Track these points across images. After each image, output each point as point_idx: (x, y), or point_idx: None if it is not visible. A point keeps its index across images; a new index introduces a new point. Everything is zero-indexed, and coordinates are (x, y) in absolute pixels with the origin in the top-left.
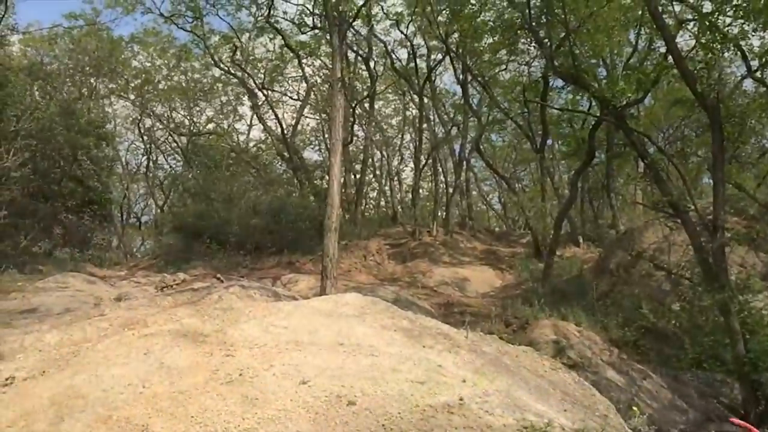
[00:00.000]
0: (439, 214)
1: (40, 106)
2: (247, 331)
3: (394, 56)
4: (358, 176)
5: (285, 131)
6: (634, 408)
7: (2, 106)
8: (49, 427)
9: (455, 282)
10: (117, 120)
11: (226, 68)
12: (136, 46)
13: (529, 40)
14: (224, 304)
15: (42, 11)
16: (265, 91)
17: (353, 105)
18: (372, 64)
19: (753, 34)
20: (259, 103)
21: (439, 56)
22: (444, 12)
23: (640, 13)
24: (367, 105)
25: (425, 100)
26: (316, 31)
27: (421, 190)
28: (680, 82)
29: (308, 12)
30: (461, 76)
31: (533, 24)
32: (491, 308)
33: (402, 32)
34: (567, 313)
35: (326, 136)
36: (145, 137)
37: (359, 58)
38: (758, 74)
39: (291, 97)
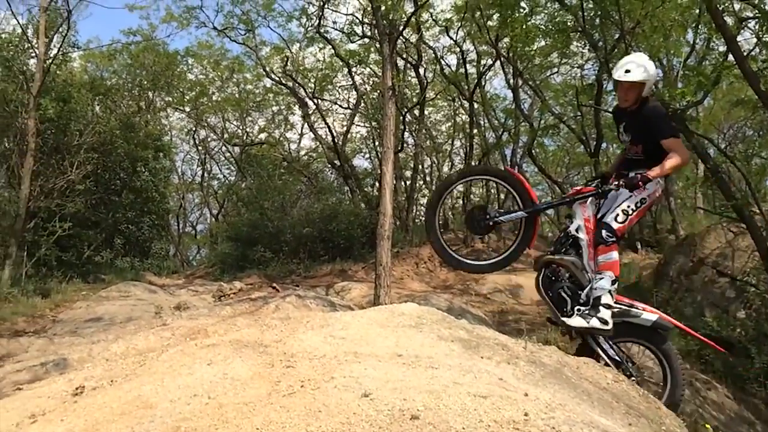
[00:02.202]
0: None
1: (101, 120)
2: (306, 341)
3: (443, 62)
4: (408, 183)
5: (335, 139)
6: (707, 426)
7: (66, 121)
8: None
9: (509, 289)
10: (173, 131)
11: (278, 78)
12: (191, 59)
13: (582, 42)
14: (282, 314)
15: (101, 27)
16: (315, 100)
17: (403, 112)
18: (422, 71)
19: None
20: (310, 112)
21: (489, 61)
22: (494, 17)
23: (698, 12)
24: (417, 112)
25: (475, 105)
26: (366, 40)
27: (472, 196)
28: (742, 82)
29: (358, 21)
30: (512, 81)
31: (586, 26)
32: (547, 316)
33: (451, 38)
34: None
35: (376, 143)
36: (200, 148)
37: (409, 65)
38: None
39: (341, 106)
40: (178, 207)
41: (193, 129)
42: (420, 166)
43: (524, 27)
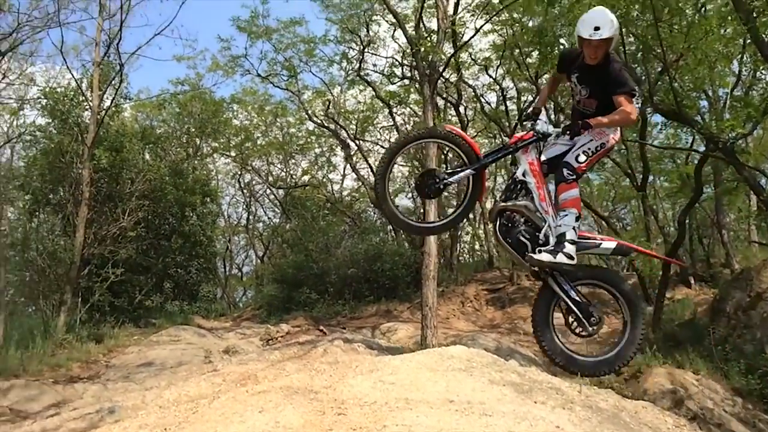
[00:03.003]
0: None
1: (152, 168)
2: (356, 387)
3: (483, 100)
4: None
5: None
6: None
7: (118, 170)
8: None
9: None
10: (219, 176)
11: (320, 121)
12: (236, 105)
13: None
14: (330, 358)
15: (151, 78)
16: (357, 142)
17: (445, 151)
18: (462, 109)
19: None
20: (352, 154)
21: (530, 98)
22: (533, 54)
23: (742, 42)
24: None
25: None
26: (406, 81)
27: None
28: None
29: (397, 63)
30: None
31: (628, 61)
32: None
33: (491, 76)
34: (683, 360)
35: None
36: (245, 191)
37: (449, 104)
38: None
39: (382, 146)
40: (224, 250)
41: (239, 173)
42: None
43: None
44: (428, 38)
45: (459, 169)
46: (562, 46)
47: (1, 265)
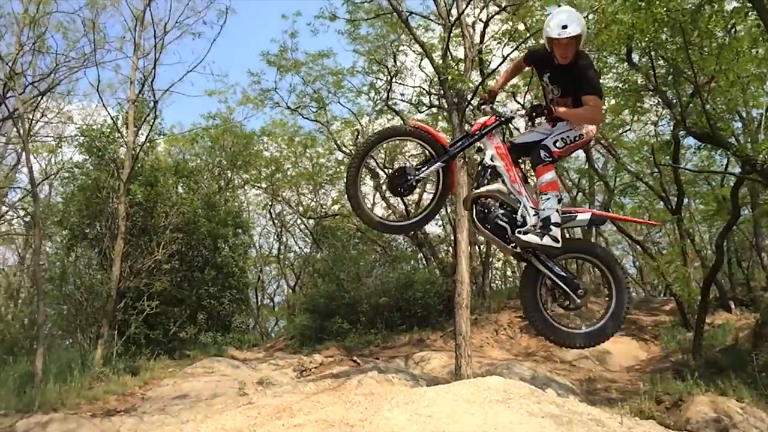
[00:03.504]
0: None
1: (185, 201)
2: (392, 420)
3: (512, 126)
4: (483, 248)
5: (407, 208)
6: None
7: (153, 204)
8: None
9: (595, 355)
10: (250, 207)
11: (349, 151)
12: (266, 137)
13: (655, 99)
14: (365, 390)
15: (183, 113)
16: (386, 170)
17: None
18: None
19: None
20: (381, 182)
21: None
22: None
23: None
24: None
25: None
26: (434, 109)
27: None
28: None
29: (425, 92)
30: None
31: (659, 84)
32: (639, 384)
33: (519, 102)
34: (726, 387)
35: (449, 210)
36: (276, 221)
37: None
38: None
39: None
40: (256, 280)
41: (269, 203)
42: None
43: None
44: (455, 67)
45: (428, 164)
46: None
47: (40, 299)
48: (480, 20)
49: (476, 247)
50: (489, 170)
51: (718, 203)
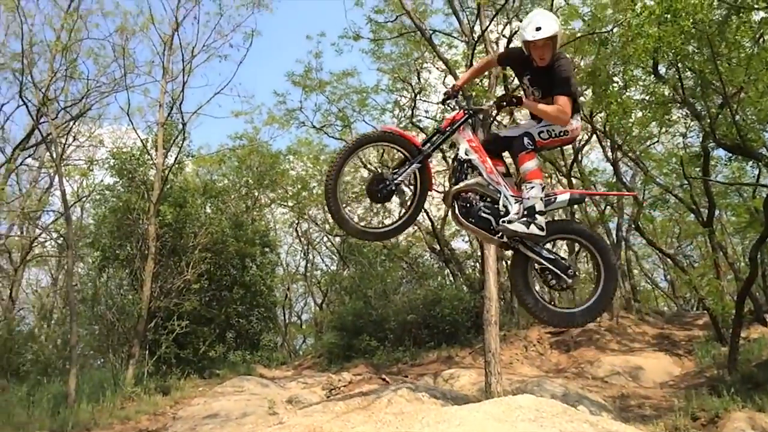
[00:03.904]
0: None
1: (214, 221)
2: None
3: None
4: (509, 263)
5: (434, 224)
6: None
7: (182, 224)
8: None
9: (627, 371)
10: (276, 225)
11: (374, 168)
12: (292, 156)
13: (683, 111)
14: (395, 409)
15: (210, 134)
16: (411, 187)
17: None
18: None
19: None
20: (407, 199)
21: (585, 136)
22: (586, 93)
23: None
24: None
25: (574, 181)
26: None
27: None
28: None
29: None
30: (610, 154)
31: (687, 96)
32: (673, 400)
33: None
34: (763, 403)
35: None
36: (303, 239)
37: None
38: None
39: (437, 190)
40: (284, 298)
41: (296, 222)
42: None
43: (619, 101)
44: (480, 83)
45: (404, 166)
46: (615, 85)
47: (73, 320)
48: (504, 36)
49: (503, 263)
50: (464, 164)
51: (750, 215)
